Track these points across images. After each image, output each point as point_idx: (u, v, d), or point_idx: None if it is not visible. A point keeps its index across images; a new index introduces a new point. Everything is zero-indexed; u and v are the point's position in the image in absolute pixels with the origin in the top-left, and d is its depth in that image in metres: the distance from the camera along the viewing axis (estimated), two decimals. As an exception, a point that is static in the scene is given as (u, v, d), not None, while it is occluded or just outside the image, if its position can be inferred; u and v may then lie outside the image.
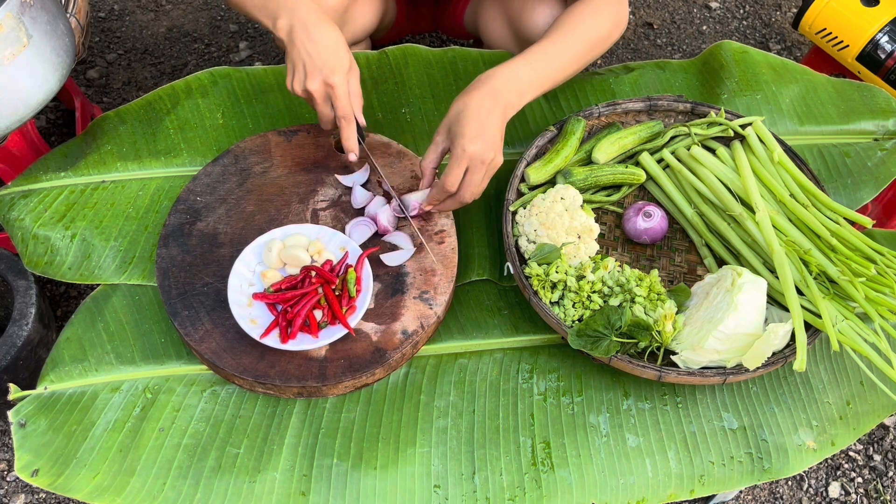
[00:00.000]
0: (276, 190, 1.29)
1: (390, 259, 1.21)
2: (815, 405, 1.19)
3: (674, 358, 1.11)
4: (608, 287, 1.15)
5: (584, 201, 1.26)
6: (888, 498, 1.48)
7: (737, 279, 1.10)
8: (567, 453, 1.12)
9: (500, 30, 1.55)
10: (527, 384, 1.18)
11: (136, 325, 1.21)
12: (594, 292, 1.15)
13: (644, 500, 1.10)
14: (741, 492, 1.47)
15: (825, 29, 1.72)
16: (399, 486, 1.09)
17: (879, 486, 1.49)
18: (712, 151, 1.33)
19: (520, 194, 1.28)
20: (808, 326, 1.12)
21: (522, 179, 1.29)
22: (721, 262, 1.26)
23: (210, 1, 2.21)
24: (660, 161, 1.34)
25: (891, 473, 1.51)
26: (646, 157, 1.32)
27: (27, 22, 1.16)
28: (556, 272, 1.15)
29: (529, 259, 1.19)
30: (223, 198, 1.28)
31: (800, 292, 1.14)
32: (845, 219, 1.22)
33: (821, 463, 1.51)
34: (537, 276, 1.15)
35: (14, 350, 1.27)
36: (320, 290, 1.14)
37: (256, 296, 1.14)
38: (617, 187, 1.33)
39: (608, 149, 1.30)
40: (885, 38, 1.65)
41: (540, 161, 1.29)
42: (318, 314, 1.13)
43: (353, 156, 1.20)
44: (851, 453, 1.53)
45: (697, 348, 1.08)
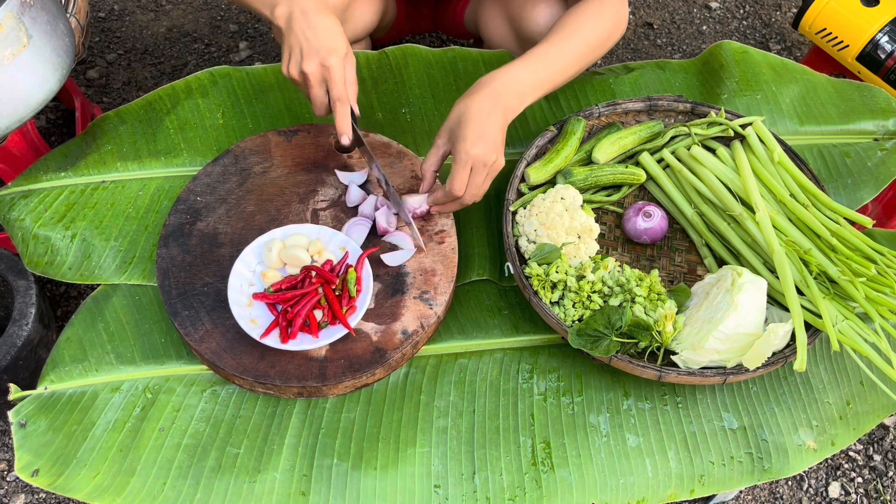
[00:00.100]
0: (276, 190, 1.29)
1: (390, 259, 1.21)
2: (815, 405, 1.19)
3: (674, 358, 1.11)
4: (608, 287, 1.15)
5: (584, 201, 1.26)
6: (888, 498, 1.48)
7: (737, 279, 1.10)
8: (567, 453, 1.12)
9: (500, 29, 1.55)
10: (527, 384, 1.18)
11: (136, 325, 1.21)
12: (594, 292, 1.15)
13: (644, 500, 1.10)
14: (741, 492, 1.47)
15: (825, 29, 1.72)
16: (399, 486, 1.09)
17: (879, 486, 1.49)
18: (712, 151, 1.33)
19: (520, 194, 1.28)
20: (808, 326, 1.12)
21: (522, 179, 1.29)
22: (721, 262, 1.26)
23: (210, 1, 2.20)
24: (660, 161, 1.34)
25: (891, 473, 1.51)
26: (646, 157, 1.32)
27: (27, 22, 1.16)
28: (556, 272, 1.15)
29: (529, 259, 1.19)
30: (223, 198, 1.28)
31: (800, 292, 1.14)
32: (845, 219, 1.22)
33: (821, 463, 1.51)
34: (537, 276, 1.15)
35: (14, 350, 1.27)
36: (320, 290, 1.14)
37: (256, 296, 1.14)
38: (617, 187, 1.33)
39: (608, 149, 1.30)
40: (885, 38, 1.65)
41: (540, 161, 1.29)
42: (319, 314, 1.13)
43: (346, 139, 1.17)
44: (851, 453, 1.53)
45: (697, 348, 1.08)
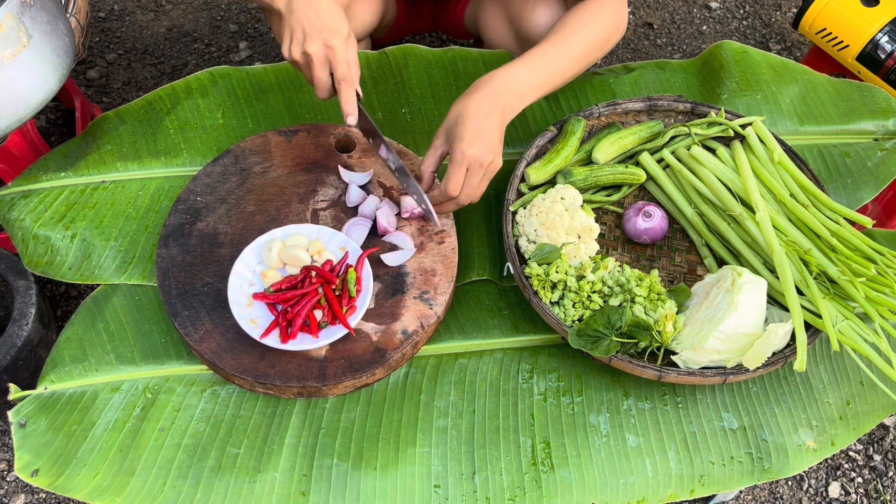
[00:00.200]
0: (276, 190, 1.29)
1: (390, 259, 1.21)
2: (815, 405, 1.19)
3: (674, 358, 1.11)
4: (608, 287, 1.15)
5: (584, 201, 1.26)
6: (888, 498, 1.48)
7: (737, 279, 1.10)
8: (567, 453, 1.12)
9: (500, 29, 1.54)
10: (527, 384, 1.18)
11: (136, 325, 1.21)
12: (594, 292, 1.15)
13: (644, 500, 1.10)
14: (741, 492, 1.47)
15: (825, 29, 1.72)
16: (399, 486, 1.09)
17: (879, 486, 1.49)
18: (712, 151, 1.33)
19: (520, 194, 1.28)
20: (808, 326, 1.12)
21: (522, 179, 1.29)
22: (721, 262, 1.26)
23: (210, 1, 2.20)
24: (660, 161, 1.34)
25: (891, 473, 1.51)
26: (646, 157, 1.32)
27: (27, 22, 1.16)
28: (556, 272, 1.15)
29: (529, 259, 1.19)
30: (223, 198, 1.28)
31: (800, 292, 1.14)
32: (845, 219, 1.22)
33: (821, 463, 1.51)
34: (537, 276, 1.15)
35: (14, 350, 1.27)
36: (320, 290, 1.14)
37: (256, 296, 1.14)
38: (617, 187, 1.33)
39: (608, 149, 1.30)
40: (885, 38, 1.65)
41: (540, 161, 1.29)
42: (319, 314, 1.13)
43: (352, 118, 1.14)
44: (851, 453, 1.53)
45: (697, 348, 1.08)
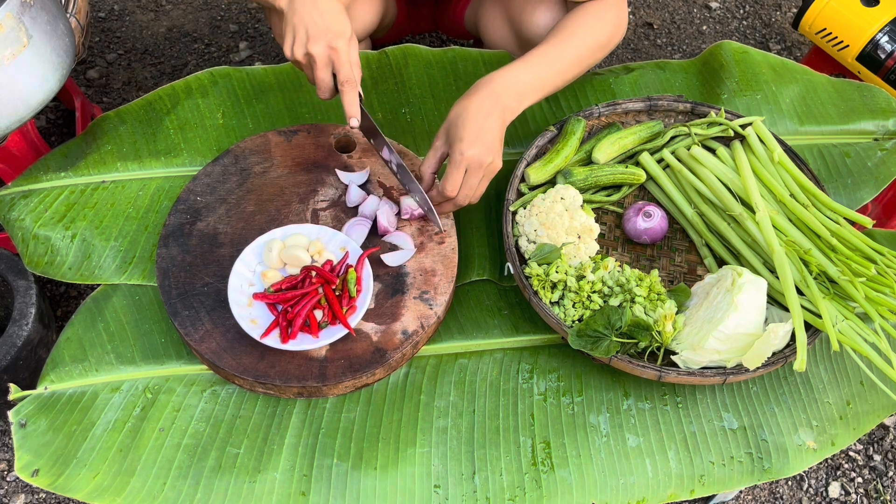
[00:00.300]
0: (276, 190, 1.29)
1: (391, 259, 1.21)
2: (815, 405, 1.19)
3: (674, 358, 1.11)
4: (608, 287, 1.15)
5: (584, 201, 1.26)
6: (888, 498, 1.48)
7: (737, 279, 1.10)
8: (567, 453, 1.12)
9: (500, 30, 1.54)
10: (527, 384, 1.18)
11: (136, 325, 1.21)
12: (594, 292, 1.15)
13: (644, 500, 1.10)
14: (741, 492, 1.47)
15: (825, 29, 1.72)
16: (399, 486, 1.09)
17: (879, 486, 1.49)
18: (712, 151, 1.33)
19: (520, 194, 1.28)
20: (808, 326, 1.12)
21: (522, 179, 1.29)
22: (721, 262, 1.26)
23: (210, 1, 2.20)
24: (660, 161, 1.34)
25: (891, 473, 1.51)
26: (646, 157, 1.32)
27: (27, 22, 1.16)
28: (556, 272, 1.15)
29: (529, 259, 1.19)
30: (223, 198, 1.28)
31: (800, 292, 1.14)
32: (845, 219, 1.22)
33: (821, 463, 1.51)
34: (537, 276, 1.15)
35: (14, 350, 1.27)
36: (320, 290, 1.14)
37: (257, 296, 1.14)
38: (617, 187, 1.33)
39: (608, 149, 1.30)
40: (885, 38, 1.64)
41: (540, 161, 1.29)
42: (319, 314, 1.13)
43: (355, 121, 1.14)
44: (851, 453, 1.53)
45: (697, 348, 1.08)
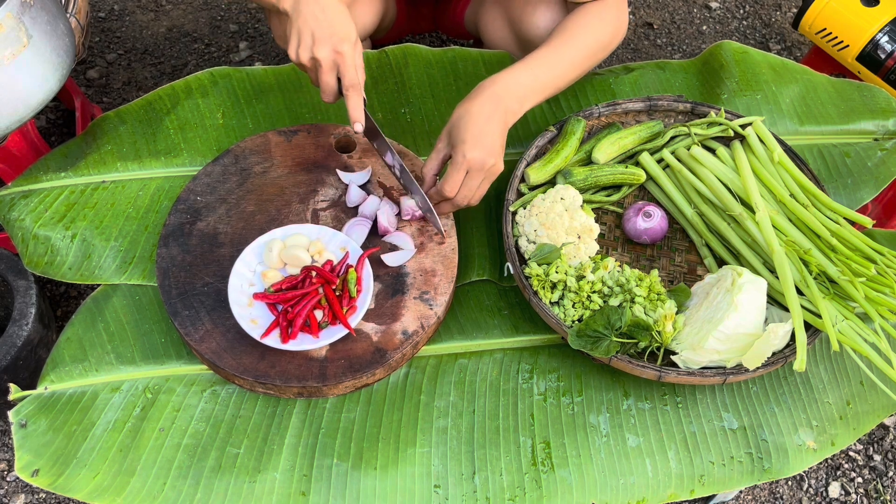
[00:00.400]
0: (276, 190, 1.29)
1: (391, 259, 1.21)
2: (815, 405, 1.19)
3: (674, 358, 1.11)
4: (608, 287, 1.15)
5: (584, 201, 1.26)
6: (888, 498, 1.48)
7: (737, 279, 1.10)
8: (567, 453, 1.12)
9: (500, 31, 1.54)
10: (527, 384, 1.18)
11: (136, 325, 1.21)
12: (594, 292, 1.15)
13: (644, 500, 1.10)
14: (741, 492, 1.47)
15: (825, 29, 1.72)
16: (399, 486, 1.09)
17: (879, 486, 1.49)
18: (712, 151, 1.33)
19: (520, 194, 1.28)
20: (808, 326, 1.13)
21: (522, 179, 1.29)
22: (721, 262, 1.26)
23: (210, 1, 2.20)
24: (660, 161, 1.34)
25: (891, 473, 1.51)
26: (646, 157, 1.32)
27: (27, 22, 1.16)
28: (556, 272, 1.15)
29: (529, 259, 1.19)
30: (223, 198, 1.28)
31: (800, 292, 1.14)
32: (845, 219, 1.22)
33: (821, 463, 1.51)
34: (537, 276, 1.15)
35: (14, 350, 1.27)
36: (321, 290, 1.14)
37: (257, 296, 1.14)
38: (617, 187, 1.33)
39: (608, 149, 1.30)
40: (885, 38, 1.64)
41: (540, 161, 1.29)
42: (319, 314, 1.13)
43: (360, 125, 1.15)
44: (851, 453, 1.53)
45: (697, 348, 1.08)
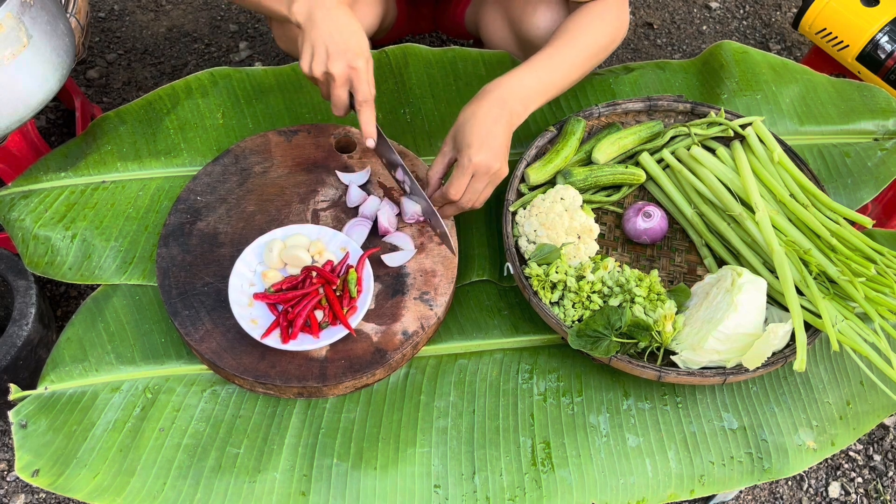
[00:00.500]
0: (276, 190, 1.29)
1: (391, 260, 1.21)
2: (815, 405, 1.19)
3: (674, 358, 1.11)
4: (608, 287, 1.15)
5: (584, 201, 1.26)
6: (888, 498, 1.48)
7: (737, 279, 1.10)
8: (567, 453, 1.12)
9: (500, 31, 1.54)
10: (527, 384, 1.18)
11: (136, 325, 1.21)
12: (594, 292, 1.15)
13: (644, 500, 1.10)
14: (741, 492, 1.47)
15: (825, 29, 1.72)
16: (399, 486, 1.09)
17: (879, 486, 1.49)
18: (712, 151, 1.33)
19: (520, 194, 1.28)
20: (808, 326, 1.13)
21: (522, 180, 1.29)
22: (721, 262, 1.26)
23: (210, 1, 2.20)
24: (660, 161, 1.34)
25: (891, 473, 1.51)
26: (646, 157, 1.32)
27: (27, 22, 1.16)
28: (556, 272, 1.15)
29: (529, 259, 1.19)
30: (223, 197, 1.28)
31: (800, 292, 1.14)
32: (845, 219, 1.22)
33: (821, 463, 1.51)
34: (537, 276, 1.15)
35: (14, 350, 1.27)
36: (321, 290, 1.14)
37: (257, 296, 1.14)
38: (617, 187, 1.33)
39: (608, 149, 1.30)
40: (885, 38, 1.64)
41: (540, 161, 1.29)
42: (319, 314, 1.13)
43: (372, 141, 1.16)
44: (851, 453, 1.53)
45: (697, 348, 1.08)
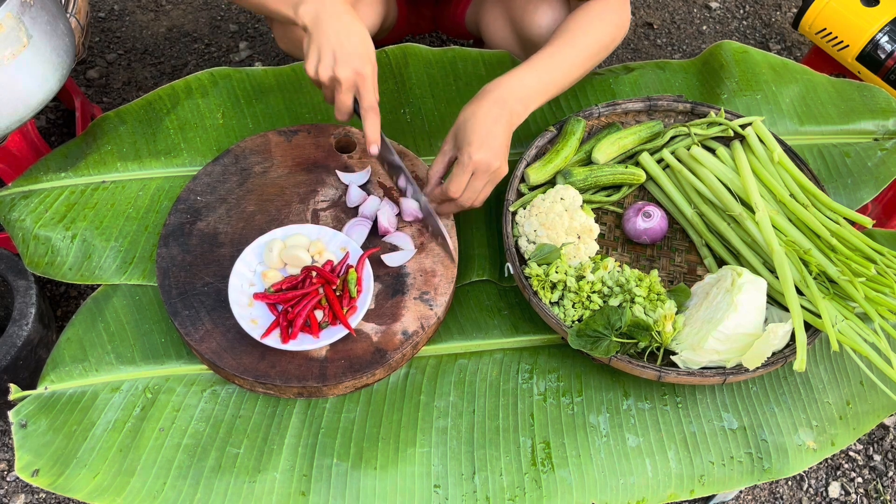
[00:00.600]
0: (276, 190, 1.29)
1: (391, 259, 1.21)
2: (815, 405, 1.19)
3: (674, 358, 1.11)
4: (608, 287, 1.15)
5: (584, 201, 1.26)
6: (888, 498, 1.48)
7: (737, 279, 1.10)
8: (567, 453, 1.12)
9: (501, 31, 1.54)
10: (527, 384, 1.18)
11: (136, 325, 1.21)
12: (594, 292, 1.15)
13: (644, 500, 1.10)
14: (741, 492, 1.47)
15: (825, 29, 1.72)
16: (399, 486, 1.09)
17: (879, 486, 1.49)
18: (712, 151, 1.33)
19: (520, 194, 1.28)
20: (808, 326, 1.12)
21: (522, 180, 1.29)
22: (721, 262, 1.26)
23: (210, 1, 2.20)
24: (660, 161, 1.34)
25: (891, 473, 1.51)
26: (646, 157, 1.32)
27: (27, 22, 1.16)
28: (556, 272, 1.15)
29: (529, 259, 1.19)
30: (223, 197, 1.28)
31: (800, 292, 1.14)
32: (845, 219, 1.22)
33: (821, 463, 1.51)
34: (537, 276, 1.15)
35: (14, 350, 1.27)
36: (321, 290, 1.14)
37: (257, 296, 1.14)
38: (617, 187, 1.33)
39: (608, 149, 1.30)
40: (885, 38, 1.64)
41: (540, 161, 1.29)
42: (319, 314, 1.13)
43: (376, 147, 1.16)
44: (851, 453, 1.53)
45: (697, 348, 1.08)
